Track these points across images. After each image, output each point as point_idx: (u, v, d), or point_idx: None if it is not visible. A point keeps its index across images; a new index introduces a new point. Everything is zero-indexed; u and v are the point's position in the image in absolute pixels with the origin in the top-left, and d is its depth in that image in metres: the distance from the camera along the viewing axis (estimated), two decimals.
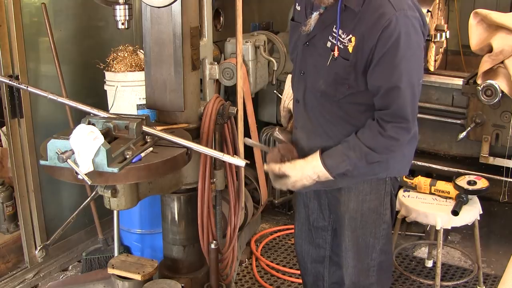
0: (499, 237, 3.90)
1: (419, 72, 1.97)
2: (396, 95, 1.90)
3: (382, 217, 2.18)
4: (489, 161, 3.41)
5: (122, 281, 2.41)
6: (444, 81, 3.61)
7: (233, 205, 2.51)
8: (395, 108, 1.92)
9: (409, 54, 1.88)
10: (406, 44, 1.85)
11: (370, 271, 2.24)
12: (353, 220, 2.19)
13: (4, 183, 3.54)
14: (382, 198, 2.16)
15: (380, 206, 2.17)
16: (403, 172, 2.22)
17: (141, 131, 2.07)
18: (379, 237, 2.19)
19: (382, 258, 2.24)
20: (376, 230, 2.19)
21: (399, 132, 1.95)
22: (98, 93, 3.27)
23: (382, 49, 1.85)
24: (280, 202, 4.17)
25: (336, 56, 1.95)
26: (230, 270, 2.61)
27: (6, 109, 3.08)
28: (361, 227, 2.19)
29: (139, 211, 3.23)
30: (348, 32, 1.92)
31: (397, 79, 1.88)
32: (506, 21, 3.16)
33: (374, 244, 2.20)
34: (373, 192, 2.15)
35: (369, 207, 2.16)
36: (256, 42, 3.63)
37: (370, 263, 2.23)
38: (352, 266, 2.24)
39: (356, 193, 2.16)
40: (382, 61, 1.87)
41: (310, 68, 2.09)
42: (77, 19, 3.51)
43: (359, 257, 2.22)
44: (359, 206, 2.17)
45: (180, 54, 2.25)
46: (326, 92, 2.04)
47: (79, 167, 1.81)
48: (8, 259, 3.34)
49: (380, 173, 2.12)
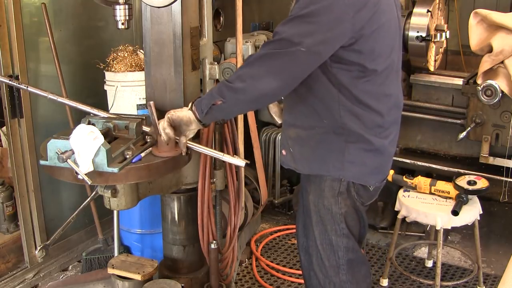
0: (499, 237, 3.90)
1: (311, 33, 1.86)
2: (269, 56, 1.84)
3: (339, 217, 2.16)
4: (489, 161, 3.41)
5: (122, 281, 2.41)
6: (444, 81, 3.61)
7: (233, 205, 2.51)
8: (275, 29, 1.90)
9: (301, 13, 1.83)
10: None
11: (340, 269, 2.22)
12: (314, 213, 2.20)
13: (4, 183, 3.54)
14: (337, 197, 2.14)
15: (335, 205, 2.15)
16: (361, 180, 2.14)
17: (141, 131, 2.08)
18: (341, 235, 2.18)
19: (350, 256, 2.22)
20: (336, 227, 2.17)
21: (240, 77, 1.88)
22: (98, 93, 3.27)
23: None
24: (280, 202, 4.17)
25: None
26: (230, 270, 2.61)
27: (6, 109, 3.08)
28: (322, 223, 2.19)
29: (139, 211, 3.23)
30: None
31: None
32: (506, 21, 3.16)
33: (337, 242, 2.19)
34: (327, 189, 2.14)
35: (323, 203, 2.16)
36: (256, 42, 3.63)
37: (339, 261, 2.21)
38: (319, 257, 2.24)
39: (314, 186, 2.17)
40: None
41: None
42: (77, 19, 3.51)
43: (325, 253, 2.22)
44: (317, 200, 2.17)
45: (180, 54, 2.25)
46: None
47: (79, 167, 1.81)
48: (8, 259, 3.34)
49: (333, 172, 2.10)
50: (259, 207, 3.75)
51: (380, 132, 2.08)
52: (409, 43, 3.43)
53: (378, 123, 2.07)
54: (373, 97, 2.03)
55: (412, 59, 3.56)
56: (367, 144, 2.06)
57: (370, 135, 2.06)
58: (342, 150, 2.07)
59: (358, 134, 2.04)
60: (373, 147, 2.07)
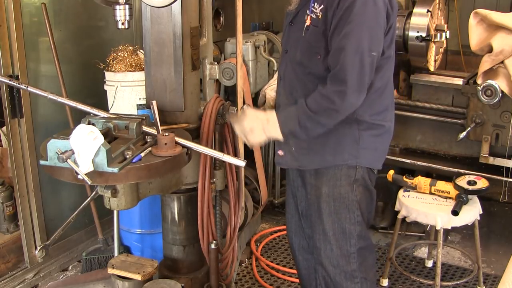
0: (499, 237, 3.90)
1: (372, 42, 2.01)
2: (341, 56, 1.97)
3: (355, 204, 2.24)
4: (489, 161, 3.41)
5: (122, 281, 2.41)
6: (444, 81, 3.62)
7: (233, 205, 2.51)
8: (338, 69, 1.98)
9: (361, 21, 1.97)
10: (360, 11, 1.95)
11: (350, 257, 2.28)
12: (327, 204, 2.25)
13: (4, 183, 3.54)
14: (352, 184, 2.22)
15: (351, 192, 2.23)
16: (375, 165, 2.27)
17: (141, 131, 2.07)
18: (354, 223, 2.25)
19: (362, 244, 2.29)
20: (351, 215, 2.24)
21: (336, 94, 1.99)
22: (98, 93, 3.27)
23: (339, 13, 1.98)
24: (280, 202, 4.17)
25: (309, 25, 2.09)
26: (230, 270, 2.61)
27: (6, 109, 3.08)
28: (336, 212, 2.25)
29: (139, 211, 3.22)
30: (320, 3, 2.06)
31: (344, 41, 1.96)
32: (506, 21, 3.16)
33: (351, 230, 2.25)
34: (343, 178, 2.22)
35: (340, 192, 2.23)
36: (256, 42, 3.63)
37: (350, 250, 2.27)
38: (329, 249, 2.28)
39: (328, 177, 2.23)
40: (337, 25, 1.99)
41: (291, 44, 2.22)
42: (77, 19, 3.51)
43: (337, 242, 2.27)
44: (331, 190, 2.23)
45: (180, 54, 2.25)
46: (301, 62, 2.15)
47: (79, 167, 1.81)
48: (8, 259, 3.34)
49: (350, 160, 2.19)
50: (259, 207, 3.75)
51: (386, 116, 2.21)
52: (409, 43, 3.43)
53: (386, 106, 2.20)
54: (386, 82, 2.17)
55: (412, 59, 3.56)
56: (377, 130, 2.19)
57: (380, 120, 2.18)
58: (356, 138, 2.17)
59: (369, 122, 2.16)
60: (382, 131, 2.20)
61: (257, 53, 3.63)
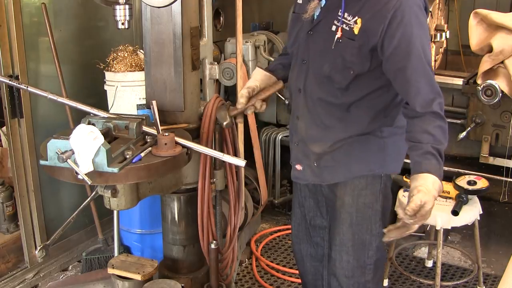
0: (499, 237, 3.90)
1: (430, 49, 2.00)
2: (422, 73, 1.92)
3: (378, 214, 2.19)
4: (489, 161, 3.41)
5: (122, 281, 2.41)
6: (444, 81, 3.61)
7: (233, 205, 2.50)
8: (428, 86, 1.93)
9: (421, 33, 1.93)
10: (417, 23, 1.91)
11: (366, 269, 2.23)
12: (349, 215, 2.19)
13: (4, 183, 3.54)
14: (377, 194, 2.17)
15: (375, 203, 2.17)
16: (397, 170, 2.23)
17: (141, 131, 2.07)
18: (375, 234, 2.19)
19: (378, 256, 2.25)
20: (372, 226, 2.19)
21: (441, 107, 1.96)
22: (98, 93, 3.27)
23: (396, 31, 1.88)
24: (280, 202, 4.18)
25: (340, 37, 1.97)
26: (230, 270, 2.61)
27: (6, 109, 3.08)
28: (357, 223, 2.19)
29: (139, 211, 3.23)
30: (353, 14, 1.95)
31: (417, 58, 1.91)
32: (506, 21, 3.16)
33: (370, 241, 2.20)
34: (369, 187, 2.16)
35: (364, 202, 2.17)
36: (256, 42, 3.63)
37: (367, 261, 2.22)
38: (346, 260, 2.23)
39: (351, 187, 2.17)
40: (399, 43, 1.89)
41: (313, 55, 2.10)
42: (77, 19, 3.51)
43: (355, 254, 2.22)
44: (354, 200, 2.17)
45: (180, 54, 2.25)
46: (330, 77, 2.04)
47: (79, 167, 1.81)
48: (8, 259, 3.34)
49: (376, 169, 2.14)
50: (259, 207, 3.76)
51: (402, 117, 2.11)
52: None
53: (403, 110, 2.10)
54: None
55: None
56: (400, 134, 2.11)
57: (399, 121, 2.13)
58: (382, 147, 2.13)
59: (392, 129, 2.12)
60: (402, 131, 2.09)
61: (257, 53, 3.63)
